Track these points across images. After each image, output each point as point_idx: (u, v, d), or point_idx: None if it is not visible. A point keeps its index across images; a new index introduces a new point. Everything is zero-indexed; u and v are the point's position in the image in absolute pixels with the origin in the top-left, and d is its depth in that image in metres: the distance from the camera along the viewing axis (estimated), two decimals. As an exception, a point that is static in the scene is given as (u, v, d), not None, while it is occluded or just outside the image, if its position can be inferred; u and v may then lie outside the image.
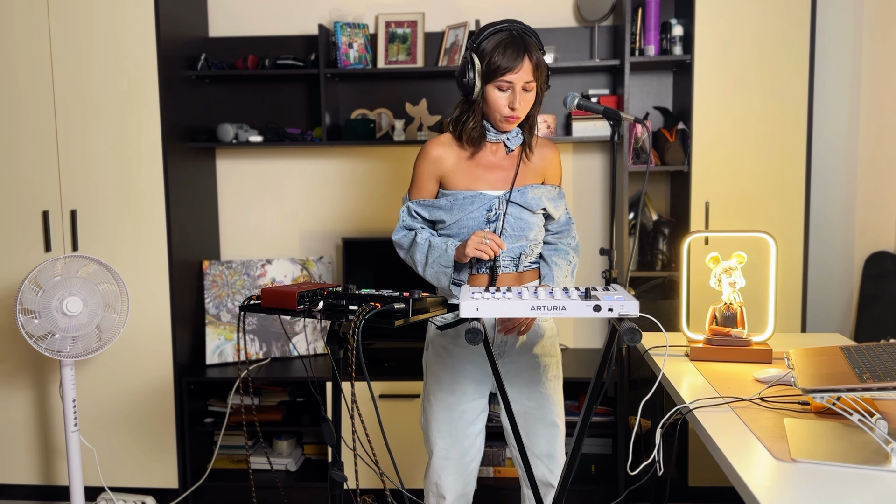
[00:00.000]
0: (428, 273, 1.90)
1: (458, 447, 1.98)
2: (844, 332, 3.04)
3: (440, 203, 1.91)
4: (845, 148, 3.07)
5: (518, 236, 1.90)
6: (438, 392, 1.98)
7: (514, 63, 1.78)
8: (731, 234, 2.48)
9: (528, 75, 1.80)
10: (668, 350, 2.10)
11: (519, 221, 1.89)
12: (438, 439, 1.99)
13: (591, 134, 3.01)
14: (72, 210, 2.87)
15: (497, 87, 1.81)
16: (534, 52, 1.80)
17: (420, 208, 1.94)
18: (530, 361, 1.97)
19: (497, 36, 1.82)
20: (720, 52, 2.78)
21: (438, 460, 1.99)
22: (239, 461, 3.16)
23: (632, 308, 1.46)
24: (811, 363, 1.59)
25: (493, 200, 1.88)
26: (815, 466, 1.30)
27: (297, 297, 1.57)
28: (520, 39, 1.80)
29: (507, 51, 1.78)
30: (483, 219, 1.88)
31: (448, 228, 1.91)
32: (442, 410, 1.98)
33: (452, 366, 1.96)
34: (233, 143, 3.10)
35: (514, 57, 1.78)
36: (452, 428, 1.97)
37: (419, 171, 1.94)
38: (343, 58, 3.05)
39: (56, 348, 2.49)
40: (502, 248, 1.78)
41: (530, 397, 1.97)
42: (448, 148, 1.92)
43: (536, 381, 1.97)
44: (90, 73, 2.82)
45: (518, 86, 1.80)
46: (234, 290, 3.17)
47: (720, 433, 1.47)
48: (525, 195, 1.89)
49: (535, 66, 1.80)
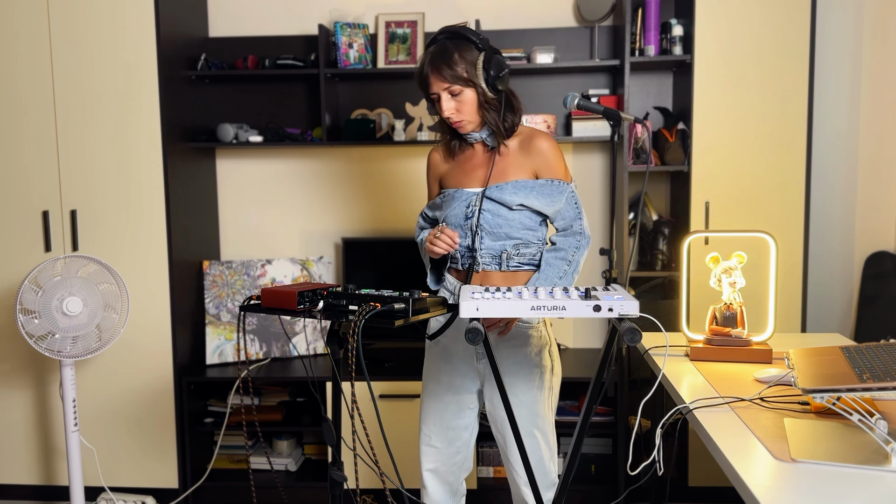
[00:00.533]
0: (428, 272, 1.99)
1: (441, 436, 2.02)
2: (844, 332, 3.04)
3: (436, 201, 2.01)
4: (845, 147, 3.07)
5: (497, 234, 1.89)
6: (429, 382, 2.04)
7: (421, 79, 1.87)
8: (731, 234, 2.48)
9: (440, 83, 1.83)
10: (668, 350, 2.10)
11: (497, 218, 1.89)
12: (423, 425, 2.05)
13: (591, 134, 3.01)
14: (72, 210, 2.87)
15: (431, 101, 1.89)
16: (438, 61, 1.82)
17: (427, 210, 2.07)
18: (512, 367, 1.94)
19: (426, 50, 1.89)
20: (720, 52, 2.78)
21: (423, 447, 2.05)
22: (239, 461, 3.16)
23: (632, 308, 1.46)
24: (811, 363, 1.59)
25: (471, 197, 1.91)
26: (815, 466, 1.30)
27: (297, 297, 1.57)
28: (429, 53, 1.85)
29: (419, 68, 1.87)
30: (462, 215, 1.92)
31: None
32: (427, 399, 2.04)
33: (443, 359, 2.01)
34: (233, 143, 3.10)
35: (420, 72, 1.86)
36: (437, 417, 2.02)
37: (427, 177, 2.09)
38: (343, 58, 3.05)
39: (56, 348, 2.49)
40: (454, 241, 1.85)
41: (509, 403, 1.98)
42: (442, 152, 2.04)
43: (517, 388, 1.94)
44: (90, 72, 2.82)
45: (443, 94, 1.84)
46: (234, 290, 3.17)
47: (720, 433, 1.47)
48: (502, 191, 1.88)
49: (441, 75, 1.82)
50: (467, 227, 1.91)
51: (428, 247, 1.89)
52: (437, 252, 1.87)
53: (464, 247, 1.93)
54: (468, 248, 1.91)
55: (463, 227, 1.92)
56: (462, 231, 1.92)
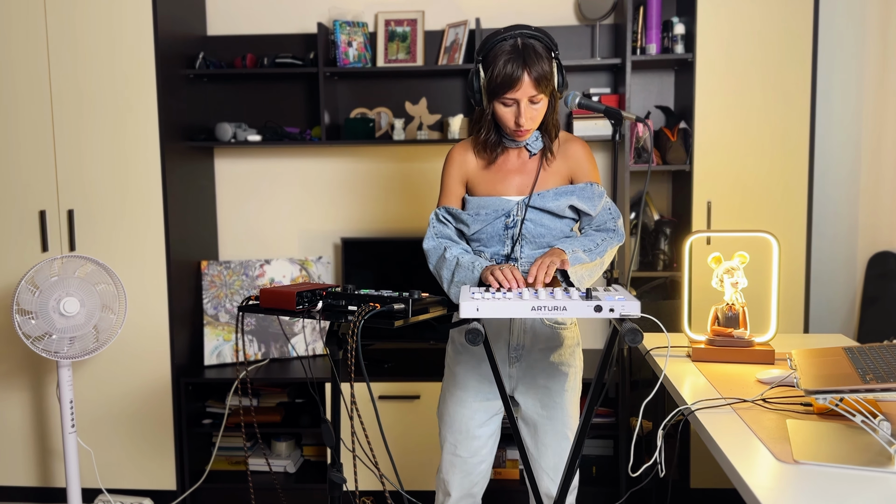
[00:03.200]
0: (452, 291, 1.84)
1: (466, 446, 1.96)
2: (847, 333, 3.04)
3: (463, 216, 1.88)
4: (848, 146, 3.07)
5: (539, 243, 1.85)
6: (453, 387, 1.97)
7: (512, 81, 1.72)
8: (733, 234, 2.48)
9: (530, 90, 1.74)
10: (669, 351, 2.10)
11: (539, 227, 1.85)
12: (448, 434, 1.98)
13: (592, 133, 3.00)
14: (69, 210, 2.87)
15: (502, 103, 1.77)
16: (535, 65, 1.73)
17: (448, 215, 1.92)
18: (547, 369, 1.92)
19: (502, 46, 1.75)
20: (722, 51, 2.78)
21: (447, 456, 1.99)
22: (237, 463, 3.16)
23: (633, 308, 1.46)
24: (814, 364, 1.59)
25: (513, 207, 1.85)
26: (817, 468, 1.30)
27: (296, 298, 1.57)
28: (521, 53, 1.73)
29: (507, 67, 1.72)
30: (501, 225, 1.85)
31: (470, 235, 1.90)
32: (454, 405, 1.96)
33: (469, 363, 1.94)
34: (231, 143, 3.10)
35: (513, 73, 1.72)
36: (463, 426, 1.95)
37: (446, 176, 1.94)
38: (342, 56, 3.05)
39: (53, 349, 2.49)
40: (517, 286, 1.66)
41: (545, 406, 1.93)
42: (472, 151, 1.91)
43: (552, 390, 1.92)
44: (87, 71, 2.82)
45: (523, 101, 1.75)
46: (233, 291, 3.17)
47: (722, 435, 1.47)
48: (545, 198, 1.84)
49: (537, 80, 1.73)
50: (507, 236, 1.85)
51: (488, 276, 1.70)
52: (494, 284, 1.69)
53: (502, 256, 1.87)
54: (506, 257, 1.86)
55: (502, 237, 1.86)
56: (500, 240, 1.86)
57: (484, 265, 1.79)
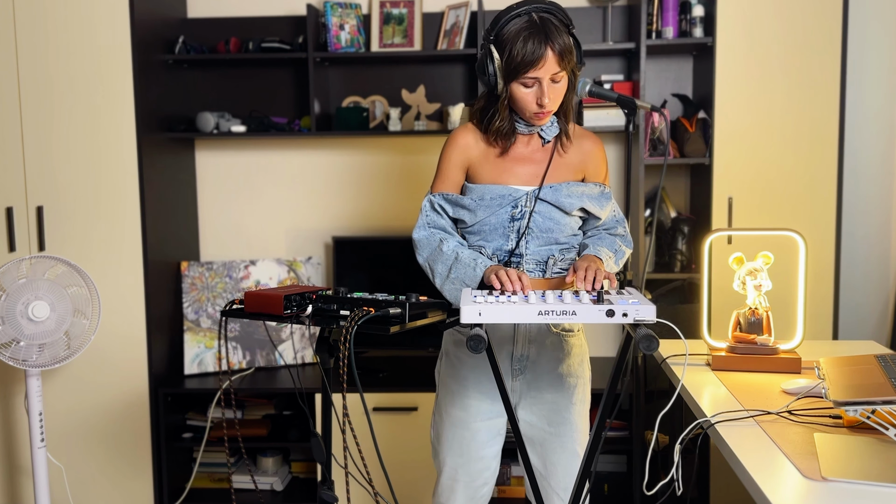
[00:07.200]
0: (446, 287, 1.83)
1: (468, 469, 1.94)
2: (880, 340, 3.04)
3: (465, 202, 1.86)
4: (880, 139, 3.07)
5: (546, 238, 1.85)
6: (450, 407, 1.94)
7: (535, 57, 1.70)
8: (756, 233, 2.48)
9: (554, 66, 1.73)
10: (687, 359, 2.10)
11: (548, 222, 1.84)
12: (448, 458, 1.95)
13: (603, 123, 3.01)
14: (38, 206, 2.87)
15: (521, 83, 1.76)
16: (557, 39, 1.72)
17: (445, 203, 1.89)
18: (554, 381, 1.91)
19: (516, 23, 1.74)
20: (744, 34, 2.78)
21: (447, 481, 1.97)
22: (220, 480, 3.16)
23: (648, 313, 1.46)
24: (843, 373, 1.59)
25: (521, 197, 1.83)
26: (847, 486, 1.30)
27: (284, 302, 1.57)
28: (541, 27, 1.72)
29: (528, 44, 1.71)
30: (507, 216, 1.84)
31: (469, 227, 1.88)
32: (452, 427, 1.94)
33: (467, 379, 1.92)
34: (213, 134, 3.10)
35: (535, 50, 1.71)
36: (463, 448, 1.93)
37: (445, 160, 1.90)
38: (334, 41, 3.05)
39: (21, 357, 2.49)
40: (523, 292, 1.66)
41: (552, 423, 1.92)
42: (477, 136, 1.89)
43: (559, 404, 1.91)
44: (57, 57, 2.82)
45: (545, 79, 1.74)
46: (215, 294, 3.17)
47: (744, 449, 1.47)
48: (558, 193, 1.83)
49: (561, 55, 1.73)
50: (512, 228, 1.84)
51: (492, 278, 1.69)
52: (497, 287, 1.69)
53: (505, 251, 1.86)
54: (510, 252, 1.85)
55: (507, 229, 1.85)
56: (503, 233, 1.85)
57: (487, 264, 1.78)
